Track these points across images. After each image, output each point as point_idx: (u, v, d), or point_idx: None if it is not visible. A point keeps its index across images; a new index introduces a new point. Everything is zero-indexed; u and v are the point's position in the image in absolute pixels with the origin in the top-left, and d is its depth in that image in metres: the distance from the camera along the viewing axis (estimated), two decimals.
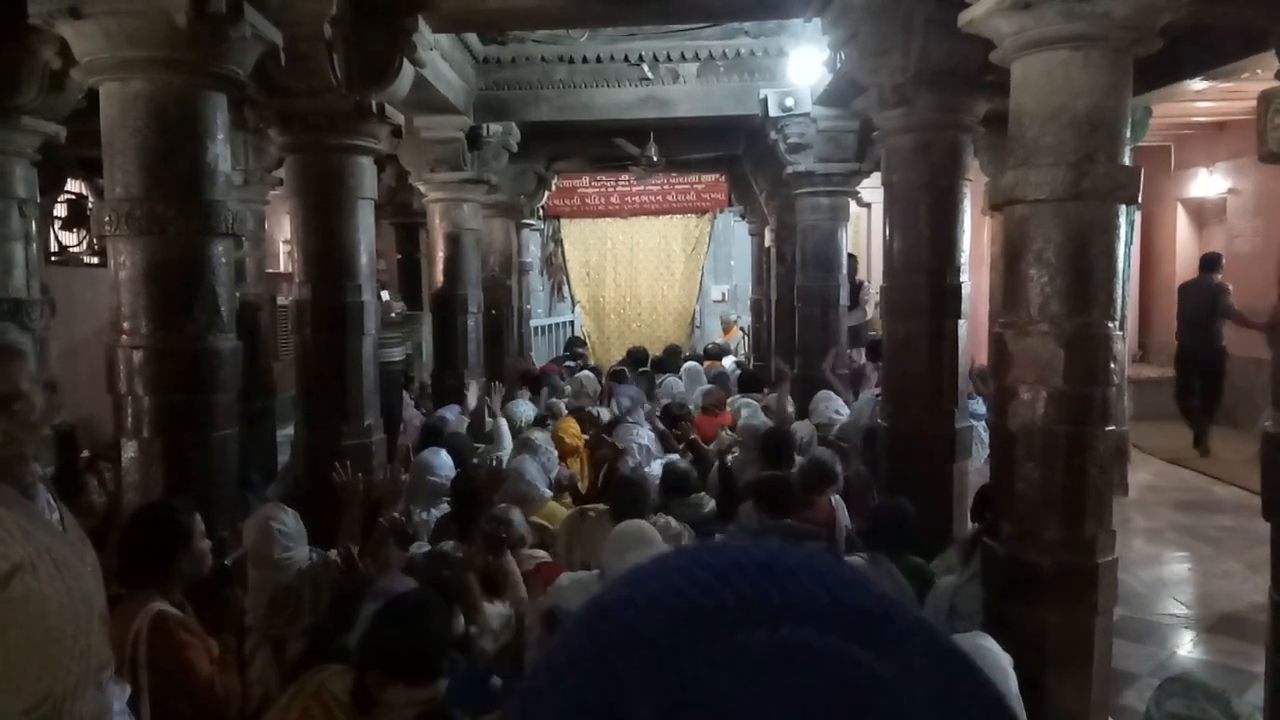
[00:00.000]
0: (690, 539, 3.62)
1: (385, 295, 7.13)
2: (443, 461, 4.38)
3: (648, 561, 0.40)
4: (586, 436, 5.35)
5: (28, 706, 1.16)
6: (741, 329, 12.83)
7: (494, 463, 4.14)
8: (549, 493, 4.47)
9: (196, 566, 2.38)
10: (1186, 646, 4.25)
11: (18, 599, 1.19)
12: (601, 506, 3.93)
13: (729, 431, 5.78)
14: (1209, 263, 7.76)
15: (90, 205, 7.90)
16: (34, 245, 4.06)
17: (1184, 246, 10.06)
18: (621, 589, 0.39)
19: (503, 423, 5.60)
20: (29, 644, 1.20)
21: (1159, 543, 5.62)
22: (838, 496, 4.23)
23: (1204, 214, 9.94)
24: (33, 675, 1.23)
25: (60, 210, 8.00)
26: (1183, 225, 10.13)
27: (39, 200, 4.18)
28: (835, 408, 5.75)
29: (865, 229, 10.85)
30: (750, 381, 7.37)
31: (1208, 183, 9.32)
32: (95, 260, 7.69)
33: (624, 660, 0.35)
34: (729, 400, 6.41)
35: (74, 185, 8.05)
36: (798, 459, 4.54)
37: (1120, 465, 6.04)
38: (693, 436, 5.48)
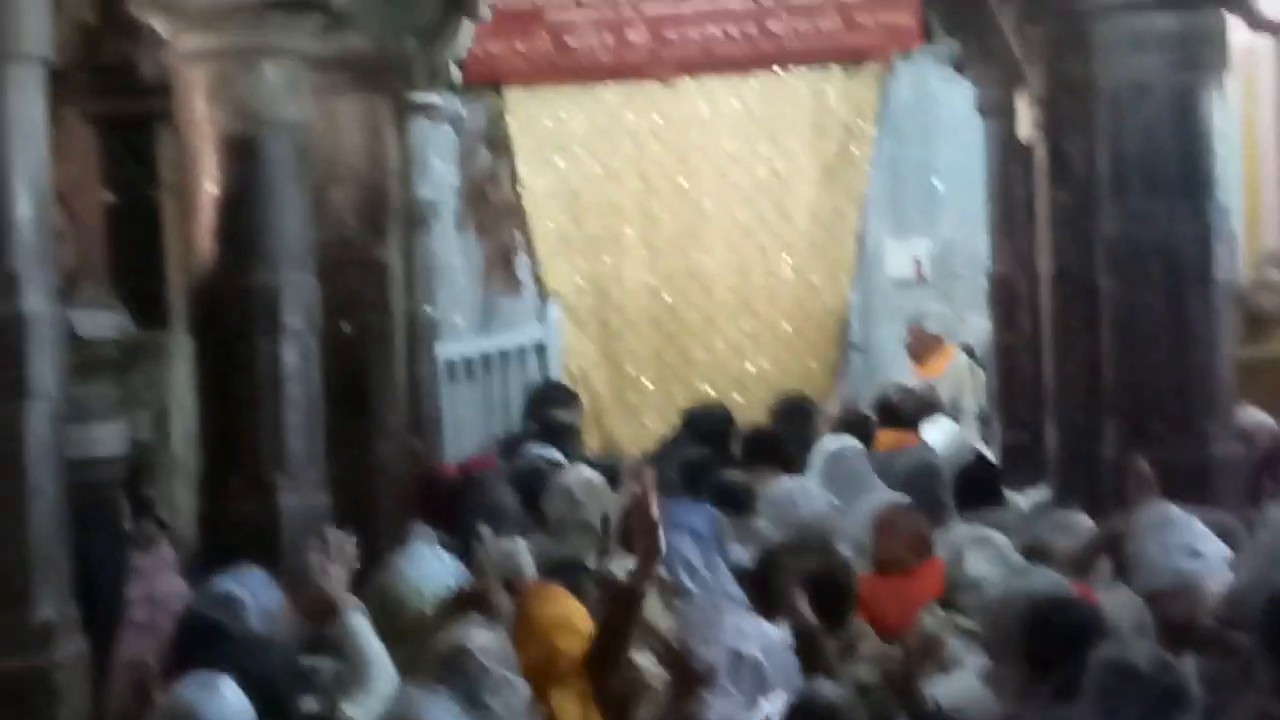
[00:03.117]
0: None
1: (108, 300, 7.21)
2: (224, 709, 4.39)
3: None
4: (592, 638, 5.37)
5: None
6: (969, 350, 12.78)
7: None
8: None
9: None
10: None
11: None
12: None
13: (937, 614, 5.76)
14: None
15: None
16: None
17: None
18: None
19: (358, 621, 5.57)
20: None
21: None
22: None
23: None
24: None
25: None
26: None
27: None
28: (1189, 546, 5.68)
29: (1272, 88, 10.81)
30: (987, 485, 7.32)
31: None
32: None
33: None
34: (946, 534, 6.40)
35: None
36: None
37: None
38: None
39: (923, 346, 12.63)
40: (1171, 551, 5.63)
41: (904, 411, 9.95)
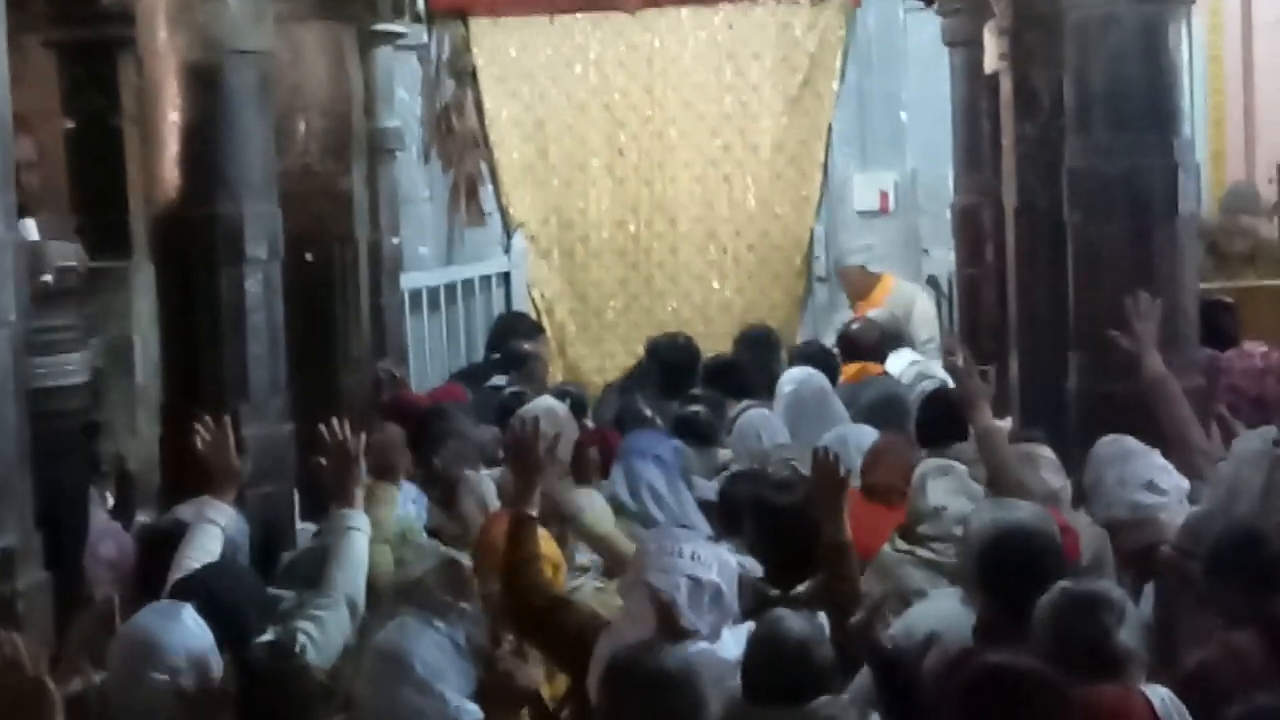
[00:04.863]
0: None
1: (31, 226, 7.17)
2: (183, 636, 4.41)
3: None
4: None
5: None
6: (932, 281, 12.81)
7: (301, 636, 4.21)
8: (473, 711, 4.49)
9: None
10: None
11: None
12: None
13: (899, 544, 5.81)
14: None
15: None
16: None
17: None
18: None
19: (362, 535, 5.61)
20: None
21: None
22: (1166, 693, 4.25)
23: None
24: None
25: None
26: None
27: None
28: (1147, 478, 5.70)
29: (1238, 19, 10.84)
30: (949, 416, 7.36)
31: None
32: None
33: None
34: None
35: None
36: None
37: None
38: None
39: (853, 285, 12.56)
40: (1129, 484, 5.68)
41: (865, 343, 9.95)
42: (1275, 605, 4.55)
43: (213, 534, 5.50)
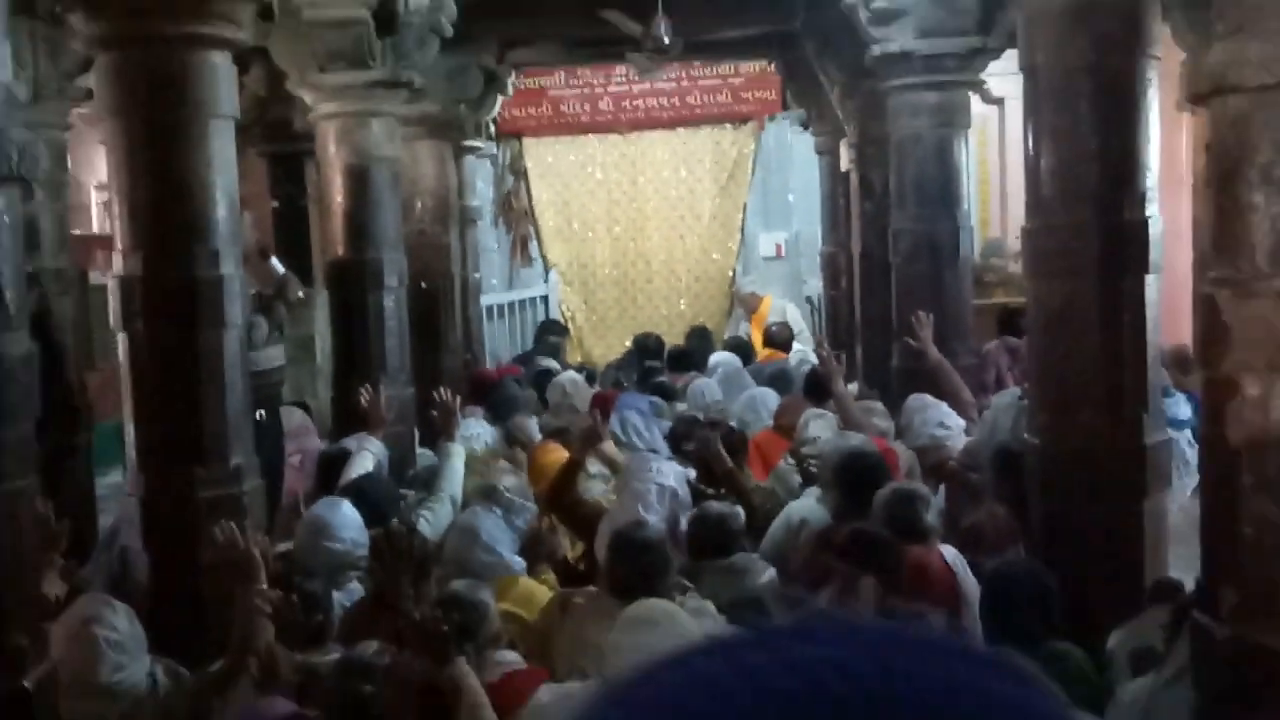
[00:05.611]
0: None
1: (277, 262, 7.17)
2: (344, 519, 4.44)
3: (656, 664, 0.39)
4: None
5: None
6: (809, 301, 12.85)
7: (419, 521, 4.25)
8: (520, 563, 4.50)
9: None
10: None
11: None
12: (593, 589, 4.05)
13: (789, 460, 5.86)
14: None
15: None
16: None
17: None
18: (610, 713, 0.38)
19: (459, 456, 5.64)
20: None
21: None
22: (952, 550, 4.28)
23: None
24: None
25: None
26: None
27: None
28: (939, 420, 5.77)
29: (996, 139, 10.84)
30: (819, 384, 7.39)
31: None
32: None
33: None
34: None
35: None
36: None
37: None
38: (733, 470, 5.53)
39: (745, 303, 12.68)
40: (928, 424, 5.74)
41: (779, 339, 10.14)
42: (1019, 489, 4.59)
43: (367, 457, 5.52)
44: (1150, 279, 4.33)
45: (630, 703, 0.36)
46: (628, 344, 11.47)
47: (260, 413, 5.64)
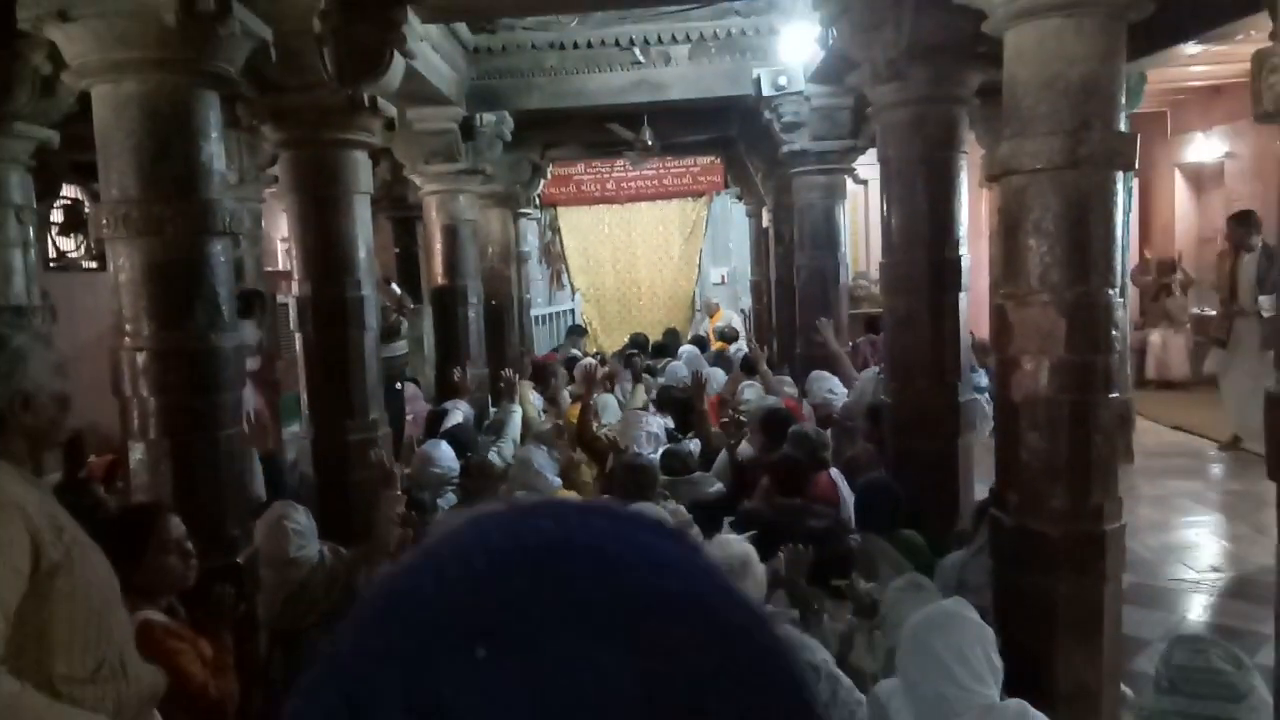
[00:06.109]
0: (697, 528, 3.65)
1: (397, 289, 7.14)
2: (443, 453, 4.45)
3: (454, 530, 0.39)
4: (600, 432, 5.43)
5: (92, 669, 1.57)
6: (742, 311, 12.86)
7: (493, 453, 4.26)
8: (558, 481, 4.51)
9: (165, 574, 2.28)
10: (1196, 611, 4.27)
11: (80, 545, 1.64)
12: (607, 498, 4.02)
13: (727, 415, 5.87)
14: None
15: (87, 210, 7.90)
16: (32, 252, 4.06)
17: (1182, 212, 10.03)
18: (403, 578, 0.38)
19: (517, 412, 5.61)
20: (84, 620, 1.59)
21: (1166, 509, 5.64)
22: (837, 470, 4.30)
23: (1202, 179, 9.91)
24: (91, 644, 1.60)
25: (57, 216, 7.99)
26: (1181, 191, 10.10)
27: (35, 207, 4.17)
28: (829, 388, 5.77)
29: (863, 206, 10.85)
30: (751, 365, 7.39)
31: (1205, 147, 9.30)
32: (94, 264, 7.69)
33: (378, 673, 0.35)
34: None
35: (69, 190, 8.04)
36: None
37: (1125, 433, 6.06)
38: (702, 410, 5.51)
39: (708, 307, 12.65)
40: (821, 390, 5.73)
41: (728, 335, 10.02)
42: (880, 433, 4.59)
43: (458, 414, 5.52)
44: (962, 295, 4.34)
45: (417, 550, 0.39)
46: (626, 339, 11.42)
47: (397, 384, 5.66)
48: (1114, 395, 2.89)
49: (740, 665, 0.36)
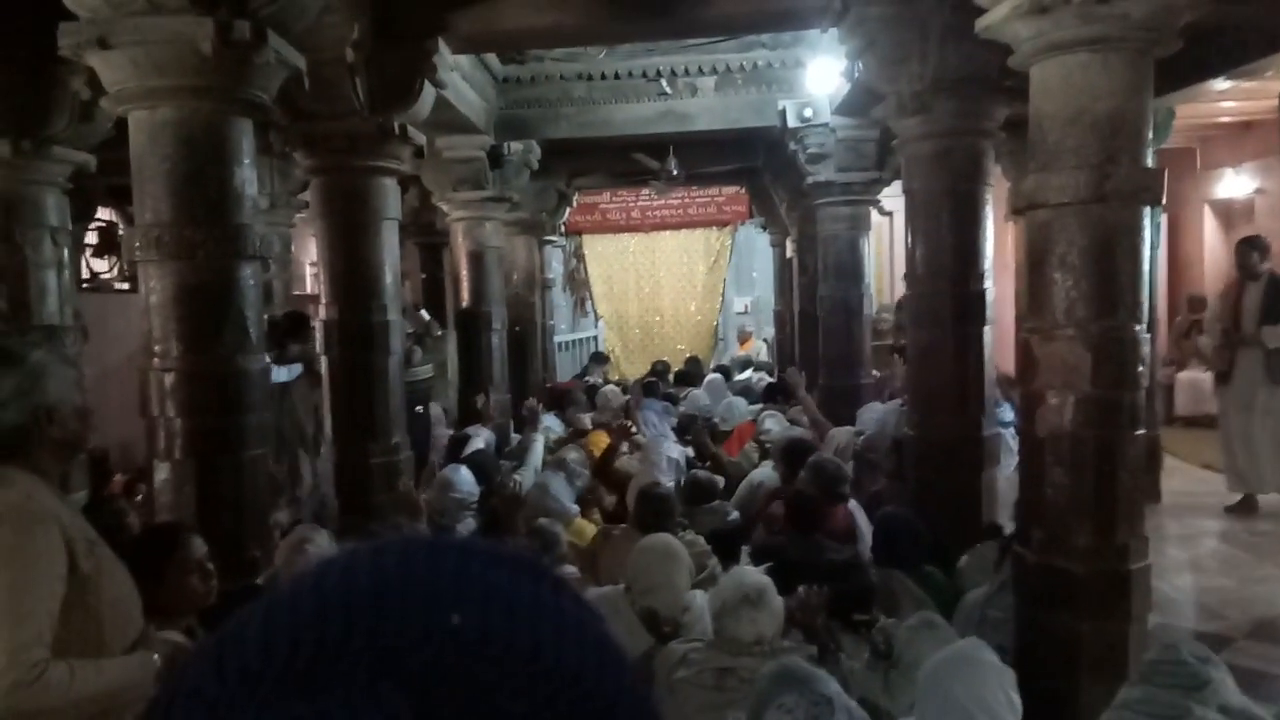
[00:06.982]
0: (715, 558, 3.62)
1: (425, 315, 7.18)
2: (463, 478, 4.44)
3: (306, 570, 0.40)
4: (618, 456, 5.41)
5: (133, 639, 1.70)
6: (765, 340, 12.82)
7: (515, 483, 4.25)
8: (575, 509, 4.50)
9: (186, 594, 2.26)
10: (1223, 653, 4.16)
11: (108, 560, 1.69)
12: (625, 526, 4.03)
13: (750, 446, 5.82)
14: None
15: (120, 232, 8.03)
16: (66, 272, 4.13)
17: (1212, 249, 9.92)
18: (234, 624, 0.38)
19: (538, 439, 5.62)
20: (124, 594, 1.71)
21: (1193, 549, 5.53)
22: (855, 503, 4.25)
23: (1232, 215, 9.81)
24: (129, 616, 1.71)
25: (91, 238, 8.13)
26: (1210, 227, 10.00)
27: (71, 228, 4.25)
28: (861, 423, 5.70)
29: (887, 237, 10.82)
30: (775, 392, 7.36)
31: (1234, 183, 9.21)
32: (126, 286, 7.80)
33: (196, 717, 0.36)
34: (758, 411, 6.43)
35: (104, 213, 8.19)
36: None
37: (1152, 471, 5.94)
38: (715, 451, 5.51)
39: (741, 338, 12.68)
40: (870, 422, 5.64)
41: (740, 365, 10.00)
42: (902, 465, 4.53)
43: (480, 440, 5.51)
44: (986, 328, 4.31)
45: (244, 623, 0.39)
46: (647, 367, 11.43)
47: (417, 408, 5.68)
48: (1140, 431, 2.85)
49: (556, 710, 0.36)
